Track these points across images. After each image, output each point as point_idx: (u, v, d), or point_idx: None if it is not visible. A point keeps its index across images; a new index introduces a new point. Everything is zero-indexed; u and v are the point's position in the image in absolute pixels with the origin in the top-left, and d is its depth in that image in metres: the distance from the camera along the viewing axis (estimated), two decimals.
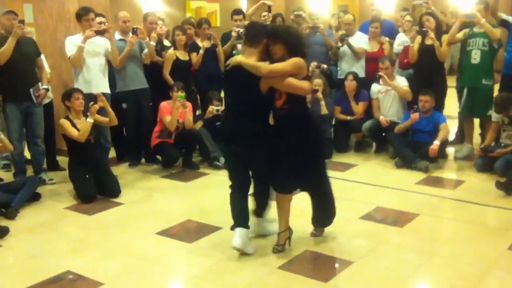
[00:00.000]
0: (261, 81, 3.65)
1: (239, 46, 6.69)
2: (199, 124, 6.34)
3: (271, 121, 3.90)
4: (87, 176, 5.26)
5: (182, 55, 6.53)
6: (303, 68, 3.73)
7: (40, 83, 5.63)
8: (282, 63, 3.64)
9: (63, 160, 6.16)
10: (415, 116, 6.00)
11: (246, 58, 3.72)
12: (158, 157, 6.38)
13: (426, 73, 6.36)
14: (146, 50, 6.24)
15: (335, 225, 4.49)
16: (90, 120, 5.21)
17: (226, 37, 6.98)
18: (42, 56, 5.92)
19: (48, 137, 5.89)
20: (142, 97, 6.26)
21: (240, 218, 3.91)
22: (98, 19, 5.95)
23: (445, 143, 6.18)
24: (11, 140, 5.39)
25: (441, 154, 6.13)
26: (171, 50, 6.51)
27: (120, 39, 6.14)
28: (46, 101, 5.90)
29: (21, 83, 5.45)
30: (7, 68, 5.36)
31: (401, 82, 6.51)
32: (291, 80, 3.64)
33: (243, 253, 3.88)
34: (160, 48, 6.57)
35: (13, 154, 5.64)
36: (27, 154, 6.00)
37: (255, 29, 3.84)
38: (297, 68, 3.66)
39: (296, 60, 3.65)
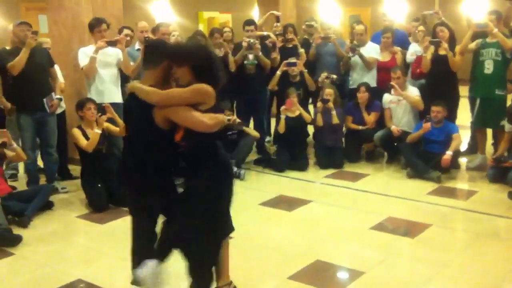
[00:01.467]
0: (154, 111, 2.95)
1: (251, 56, 6.74)
2: None
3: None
4: (99, 185, 5.30)
5: None
6: (208, 96, 2.96)
7: (53, 93, 5.70)
8: (179, 89, 2.97)
9: (75, 169, 6.21)
10: (427, 125, 5.97)
11: (143, 84, 3.05)
12: None
13: (439, 83, 6.33)
14: None
15: (346, 236, 4.49)
16: (98, 130, 5.25)
17: (237, 47, 7.00)
18: (56, 66, 6.00)
19: (60, 146, 5.95)
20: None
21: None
22: (126, 32, 6.06)
23: (457, 154, 6.14)
24: (24, 149, 5.48)
25: (454, 165, 6.09)
26: None
27: (138, 49, 6.21)
28: (59, 110, 5.97)
29: (35, 93, 5.52)
30: (21, 79, 5.44)
31: (413, 92, 6.49)
32: (187, 112, 2.91)
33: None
34: None
35: (26, 163, 5.70)
36: (39, 163, 6.06)
37: (152, 48, 3.20)
38: (198, 96, 2.94)
39: (198, 87, 2.93)
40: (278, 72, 6.82)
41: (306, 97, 7.02)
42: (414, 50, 7.09)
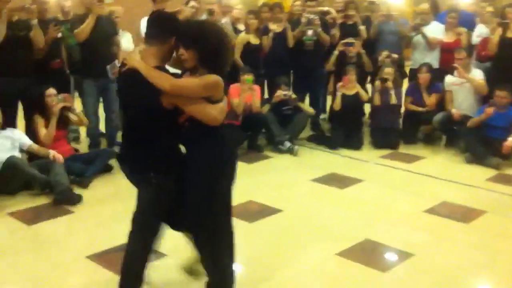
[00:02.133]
0: (162, 96, 2.72)
1: (310, 32, 6.66)
2: (266, 108, 6.40)
3: None
4: None
5: (253, 39, 6.58)
6: (219, 89, 2.80)
7: (116, 61, 5.84)
8: (192, 81, 2.78)
9: None
10: (489, 110, 5.77)
11: (144, 60, 2.78)
12: None
13: (505, 67, 6.10)
14: None
15: (398, 217, 4.44)
16: None
17: (295, 23, 6.90)
18: (129, 35, 6.14)
19: None
20: None
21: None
22: (192, 3, 6.10)
23: None
24: (87, 114, 5.69)
25: None
26: (242, 34, 6.58)
27: None
28: None
29: (99, 60, 5.68)
30: (86, 46, 5.63)
31: (477, 75, 6.26)
32: (198, 104, 2.75)
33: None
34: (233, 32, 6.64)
35: (89, 127, 5.94)
36: (102, 128, 6.28)
37: (159, 22, 2.87)
38: (210, 91, 2.77)
39: (211, 80, 2.75)
40: (335, 52, 6.73)
41: (362, 77, 6.88)
42: (480, 31, 6.83)
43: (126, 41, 6.25)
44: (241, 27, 6.90)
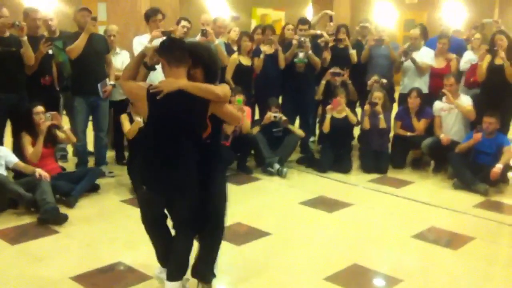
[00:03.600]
0: (211, 105, 3.13)
1: (301, 55, 6.70)
2: (256, 129, 6.40)
3: None
4: None
5: (245, 60, 6.61)
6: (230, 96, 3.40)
7: (107, 79, 5.85)
8: (219, 87, 3.17)
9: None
10: (477, 136, 5.82)
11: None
12: None
13: (494, 93, 6.17)
14: None
15: (386, 242, 4.43)
16: (138, 119, 5.17)
17: (286, 45, 6.93)
18: (127, 53, 6.19)
19: (118, 131, 6.05)
20: None
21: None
22: (183, 23, 6.08)
23: (507, 167, 5.93)
24: (76, 132, 5.65)
25: (503, 178, 5.90)
26: (234, 55, 6.61)
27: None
28: (120, 97, 6.08)
29: (90, 78, 5.68)
30: (77, 63, 5.62)
31: (465, 101, 6.32)
32: (230, 107, 3.34)
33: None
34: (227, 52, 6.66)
35: (77, 145, 5.90)
36: (89, 147, 6.22)
37: (179, 46, 3.16)
38: (228, 96, 3.29)
39: (227, 87, 3.24)
40: (323, 81, 6.79)
41: (348, 104, 6.82)
42: (468, 58, 6.93)
43: (124, 59, 6.23)
44: (235, 47, 6.93)
